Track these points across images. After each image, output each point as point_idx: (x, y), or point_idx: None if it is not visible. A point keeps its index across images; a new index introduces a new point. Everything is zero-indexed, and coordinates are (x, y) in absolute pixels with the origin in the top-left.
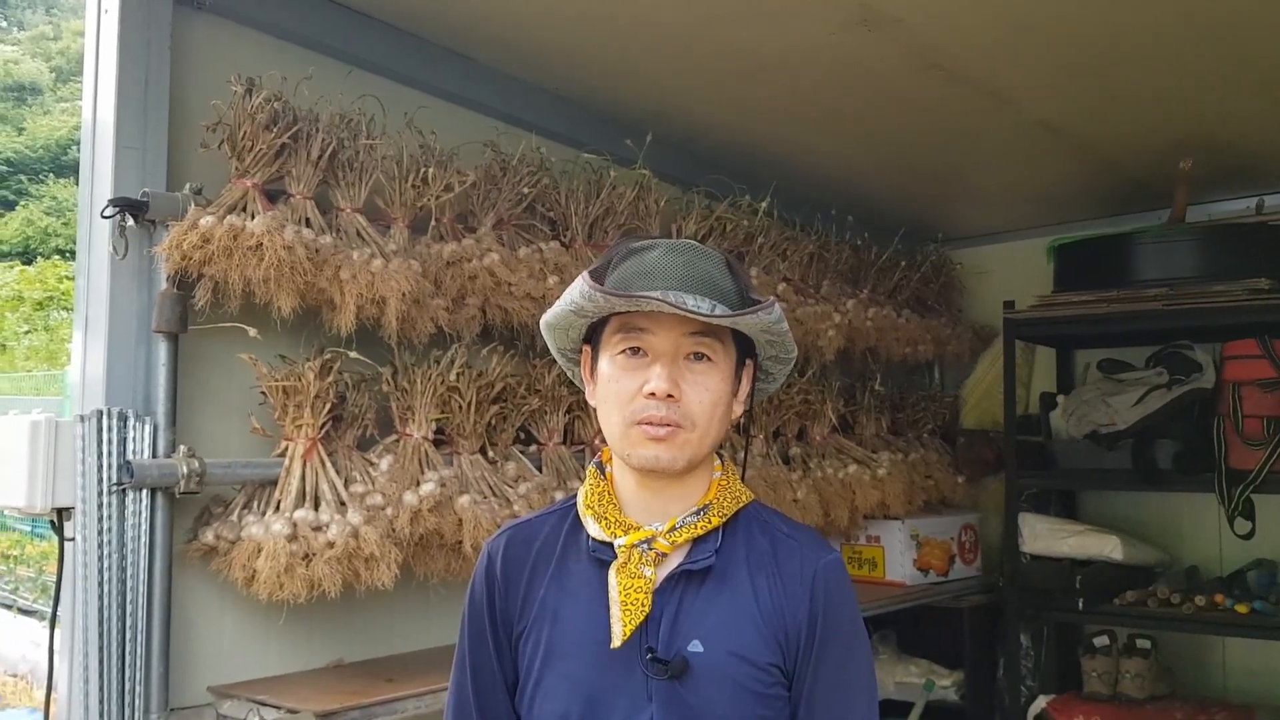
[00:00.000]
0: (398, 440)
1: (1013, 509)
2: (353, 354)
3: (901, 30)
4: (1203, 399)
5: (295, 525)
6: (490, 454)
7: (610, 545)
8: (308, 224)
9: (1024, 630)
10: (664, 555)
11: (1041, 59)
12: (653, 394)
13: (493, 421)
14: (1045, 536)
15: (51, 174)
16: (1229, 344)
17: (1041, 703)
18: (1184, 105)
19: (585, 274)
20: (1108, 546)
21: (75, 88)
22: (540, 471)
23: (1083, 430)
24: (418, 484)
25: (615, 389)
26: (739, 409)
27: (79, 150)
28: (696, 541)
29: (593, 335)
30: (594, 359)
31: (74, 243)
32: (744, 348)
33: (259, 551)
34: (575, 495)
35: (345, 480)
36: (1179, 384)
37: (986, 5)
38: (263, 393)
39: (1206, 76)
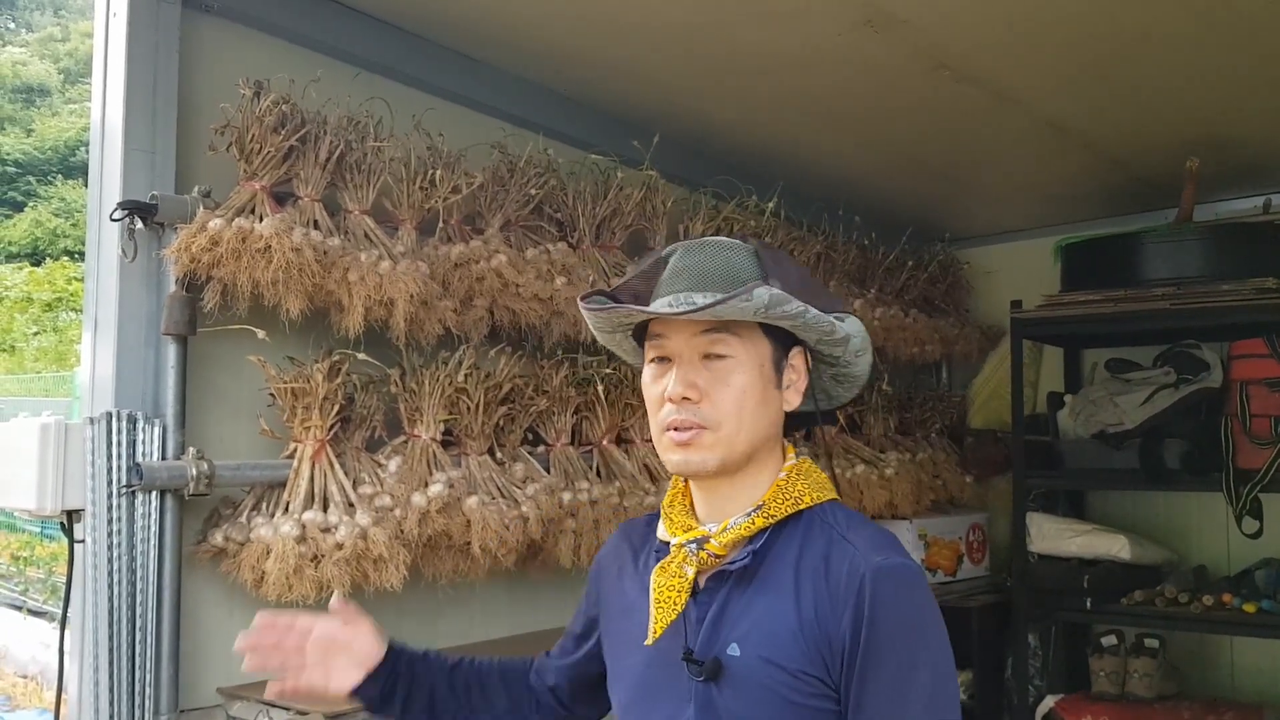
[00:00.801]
0: (406, 441)
1: (1020, 509)
2: (361, 355)
3: (908, 31)
4: (1210, 398)
5: (304, 527)
6: (498, 455)
7: (669, 545)
8: (316, 226)
9: (1032, 630)
10: (718, 556)
11: (1048, 58)
12: (671, 399)
13: (500, 422)
14: (1053, 536)
15: (60, 175)
16: (1236, 343)
17: (1049, 702)
18: (1191, 104)
19: (581, 297)
20: (1115, 546)
21: (83, 89)
22: (548, 472)
23: (1090, 430)
24: (426, 485)
25: (648, 396)
26: (796, 399)
27: (87, 152)
28: (748, 542)
29: None
30: None
31: (82, 244)
32: (783, 337)
33: (268, 553)
34: None
35: (354, 481)
36: (1186, 383)
37: (993, 5)
38: (271, 394)
39: (1214, 76)
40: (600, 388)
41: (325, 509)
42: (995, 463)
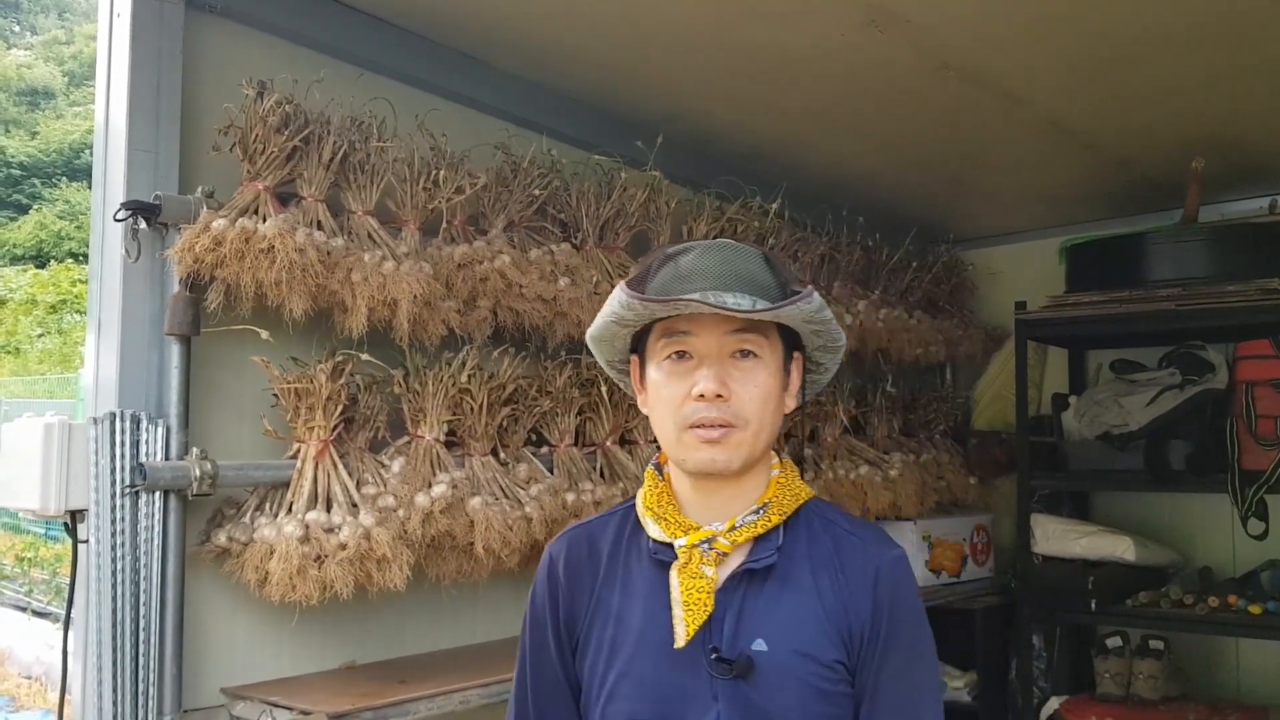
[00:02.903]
0: (409, 442)
1: (1025, 510)
2: (364, 356)
3: (911, 30)
4: (1215, 399)
5: (307, 527)
6: (502, 455)
7: (670, 546)
8: (319, 226)
9: (1037, 631)
10: (725, 555)
11: (1052, 58)
12: (702, 396)
13: (504, 423)
14: (1057, 537)
15: (64, 177)
16: (1242, 344)
17: (1054, 704)
18: (1196, 104)
19: (622, 283)
20: (1120, 547)
21: (87, 91)
22: (552, 473)
23: (1095, 431)
24: (429, 485)
25: (665, 395)
26: (791, 403)
27: (92, 154)
28: (758, 540)
29: (639, 344)
30: (642, 368)
31: (86, 246)
32: (790, 341)
33: (271, 553)
34: (634, 497)
35: (357, 482)
36: (1192, 384)
37: (996, 4)
38: (275, 395)
39: (1219, 75)
40: (604, 389)
41: (329, 509)
42: (999, 464)
